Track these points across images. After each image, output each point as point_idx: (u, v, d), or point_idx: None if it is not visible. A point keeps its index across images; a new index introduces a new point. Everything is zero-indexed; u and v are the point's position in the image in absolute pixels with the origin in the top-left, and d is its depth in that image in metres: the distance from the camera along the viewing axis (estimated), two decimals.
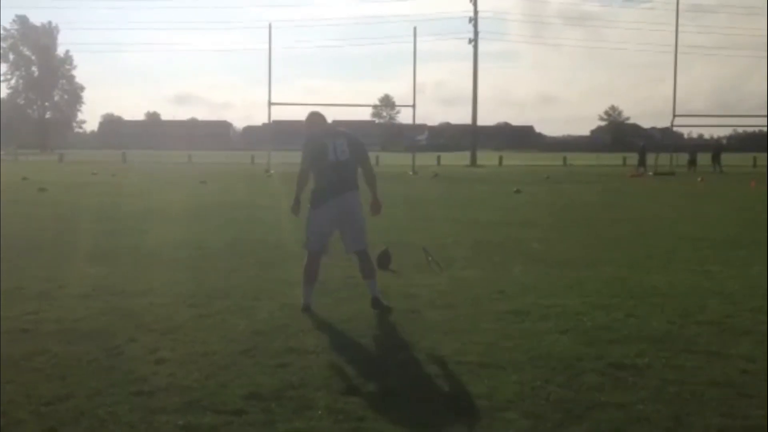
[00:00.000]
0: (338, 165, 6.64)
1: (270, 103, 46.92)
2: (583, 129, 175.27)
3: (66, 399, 4.45)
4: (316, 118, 6.94)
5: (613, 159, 63.70)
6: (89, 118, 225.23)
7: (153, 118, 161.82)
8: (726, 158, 49.60)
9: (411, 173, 41.51)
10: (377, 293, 6.83)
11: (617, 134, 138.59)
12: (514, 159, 68.17)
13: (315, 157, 6.70)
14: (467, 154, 64.54)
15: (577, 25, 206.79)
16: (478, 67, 63.69)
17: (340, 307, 6.92)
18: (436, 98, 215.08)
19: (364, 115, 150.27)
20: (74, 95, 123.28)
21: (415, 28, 48.22)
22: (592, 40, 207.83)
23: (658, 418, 4.21)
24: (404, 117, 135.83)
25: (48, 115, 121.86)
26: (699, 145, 59.74)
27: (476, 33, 63.87)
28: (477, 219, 15.47)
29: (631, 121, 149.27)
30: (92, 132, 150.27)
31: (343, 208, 6.69)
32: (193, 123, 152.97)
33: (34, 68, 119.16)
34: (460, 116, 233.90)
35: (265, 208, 16.86)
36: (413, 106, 48.29)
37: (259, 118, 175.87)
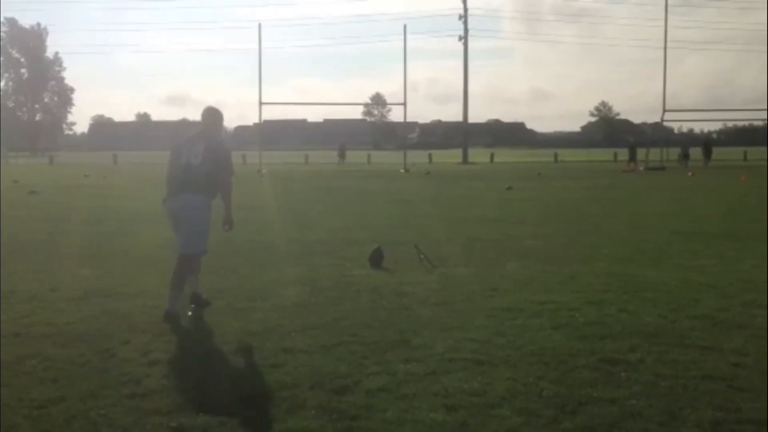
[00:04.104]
0: (188, 167, 6.61)
1: (261, 103, 46.96)
2: (575, 125, 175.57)
3: (59, 402, 4.44)
4: (205, 113, 6.92)
5: (604, 155, 63.83)
6: (79, 119, 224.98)
7: (143, 119, 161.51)
8: (717, 152, 49.86)
9: (403, 171, 41.54)
10: (172, 306, 6.47)
11: (608, 130, 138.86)
12: (506, 156, 68.25)
13: (172, 159, 6.82)
14: (459, 151, 64.62)
15: (568, 21, 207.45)
16: (470, 65, 63.77)
17: (333, 307, 6.92)
18: (427, 96, 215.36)
19: (356, 113, 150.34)
20: (64, 97, 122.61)
21: (405, 26, 48.27)
22: (583, 36, 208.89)
23: (651, 412, 4.22)
24: (395, 115, 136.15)
25: (38, 117, 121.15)
26: (690, 139, 60.00)
27: (466, 30, 63.94)
28: (469, 216, 15.48)
29: (621, 117, 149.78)
30: (83, 134, 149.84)
31: (178, 207, 6.64)
32: (183, 124, 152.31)
33: (23, 70, 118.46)
34: (452, 114, 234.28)
35: (258, 209, 16.81)
36: (404, 104, 48.35)
37: (251, 118, 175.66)
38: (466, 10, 64.11)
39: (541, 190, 24.55)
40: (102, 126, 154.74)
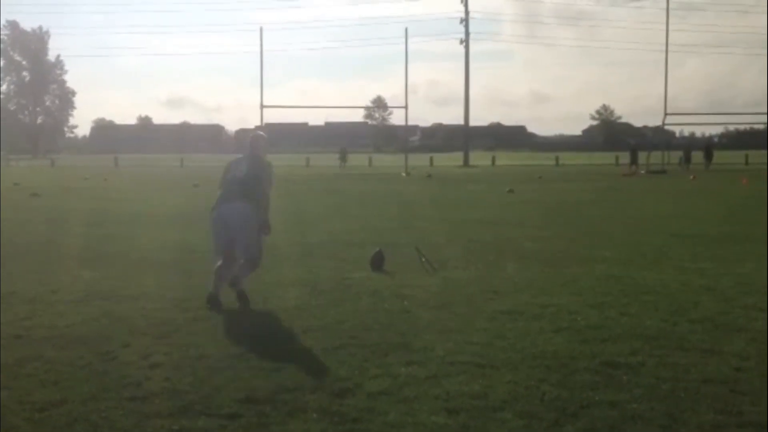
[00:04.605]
0: (234, 180, 7.38)
1: (262, 106, 46.94)
2: (576, 128, 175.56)
3: (60, 405, 4.43)
4: (252, 139, 7.82)
5: (605, 158, 63.82)
6: (81, 122, 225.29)
7: (145, 122, 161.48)
8: (718, 156, 49.88)
9: (404, 174, 41.53)
10: (216, 287, 7.12)
11: (609, 133, 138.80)
12: (507, 159, 68.26)
13: (223, 176, 7.58)
14: (460, 154, 64.63)
15: (568, 24, 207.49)
16: (471, 67, 63.81)
17: (334, 309, 6.91)
18: (428, 99, 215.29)
19: (357, 116, 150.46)
20: (66, 100, 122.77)
21: (406, 29, 48.34)
22: (584, 39, 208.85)
23: (653, 415, 4.22)
24: (397, 118, 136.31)
25: (39, 120, 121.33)
26: (692, 143, 60.06)
27: (467, 33, 64.03)
28: (470, 219, 15.48)
29: (622, 120, 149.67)
30: (84, 137, 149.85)
31: (229, 214, 7.19)
32: (185, 126, 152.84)
33: (25, 73, 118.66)
34: (453, 117, 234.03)
35: None
36: (405, 107, 48.37)
37: (252, 121, 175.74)
38: (467, 13, 64.22)
39: (542, 193, 24.55)
40: (103, 129, 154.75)
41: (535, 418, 4.19)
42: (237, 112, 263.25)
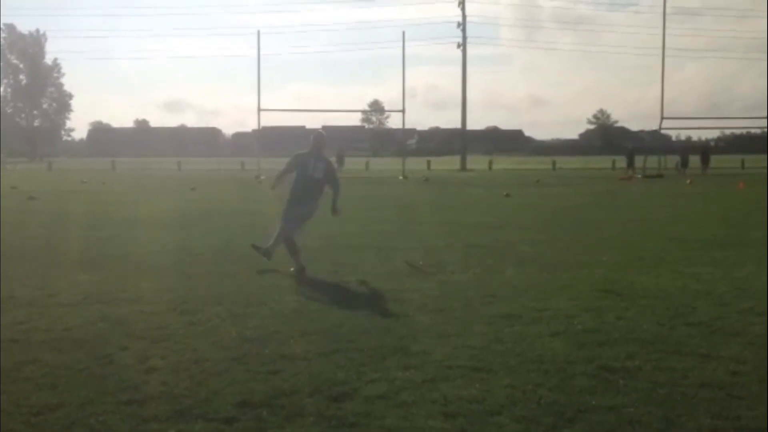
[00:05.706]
0: (311, 179, 9.16)
1: (259, 110, 46.98)
2: (573, 132, 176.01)
3: (57, 408, 4.43)
4: (317, 137, 9.40)
5: (602, 162, 63.89)
6: (78, 125, 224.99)
7: (142, 125, 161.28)
8: (715, 160, 49.98)
9: (401, 178, 41.54)
10: (271, 246, 9.49)
11: (606, 137, 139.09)
12: (504, 163, 68.35)
13: (298, 171, 9.25)
14: (457, 158, 64.66)
15: (566, 28, 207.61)
16: (468, 71, 63.84)
17: (331, 313, 6.91)
18: (426, 103, 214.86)
19: (354, 120, 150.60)
20: (63, 103, 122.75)
21: (403, 33, 48.34)
22: (581, 43, 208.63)
23: (649, 420, 4.22)
24: (394, 122, 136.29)
25: (36, 123, 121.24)
26: (689, 147, 60.19)
27: (464, 37, 64.03)
28: (468, 223, 15.48)
29: (619, 125, 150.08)
30: (81, 140, 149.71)
31: (303, 212, 9.32)
32: (182, 130, 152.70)
33: (22, 76, 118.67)
34: (450, 120, 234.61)
35: (256, 214, 16.80)
36: (403, 111, 48.36)
37: (249, 125, 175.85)
38: (464, 17, 64.26)
39: (540, 197, 24.57)
40: (100, 132, 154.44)
41: (532, 422, 4.19)
42: (234, 115, 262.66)
